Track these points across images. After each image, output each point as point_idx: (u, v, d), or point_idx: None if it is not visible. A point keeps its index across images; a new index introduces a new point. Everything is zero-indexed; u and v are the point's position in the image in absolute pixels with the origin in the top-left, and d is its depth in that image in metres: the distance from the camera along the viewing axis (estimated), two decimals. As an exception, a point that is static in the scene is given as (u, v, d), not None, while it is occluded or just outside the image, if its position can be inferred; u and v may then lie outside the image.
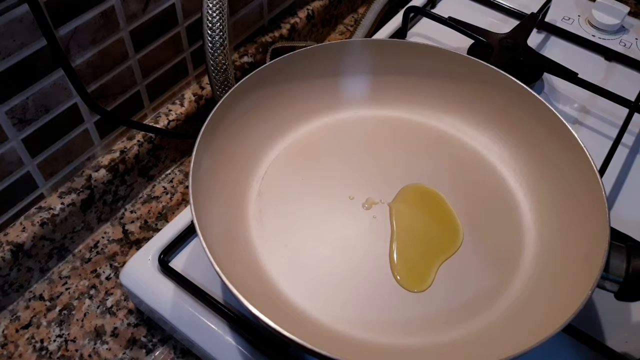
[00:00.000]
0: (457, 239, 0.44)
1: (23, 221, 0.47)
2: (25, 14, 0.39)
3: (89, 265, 0.51)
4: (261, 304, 0.34)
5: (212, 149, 0.44)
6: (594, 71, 0.62)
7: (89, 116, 0.49)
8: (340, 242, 0.44)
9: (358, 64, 0.51)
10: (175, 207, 0.56)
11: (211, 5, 0.50)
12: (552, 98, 0.59)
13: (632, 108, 0.55)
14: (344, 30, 0.75)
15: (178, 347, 0.46)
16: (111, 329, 0.47)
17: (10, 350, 0.46)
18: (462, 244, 0.44)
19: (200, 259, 0.46)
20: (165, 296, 0.44)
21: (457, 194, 0.47)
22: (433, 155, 0.50)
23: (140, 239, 0.53)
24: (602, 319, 0.43)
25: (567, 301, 0.36)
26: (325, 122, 0.52)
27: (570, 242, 0.41)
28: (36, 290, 0.49)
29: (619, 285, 0.37)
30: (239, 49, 0.62)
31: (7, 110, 0.42)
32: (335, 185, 0.48)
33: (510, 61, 0.58)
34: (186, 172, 0.58)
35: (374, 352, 0.39)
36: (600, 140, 0.56)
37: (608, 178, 0.52)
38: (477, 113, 0.51)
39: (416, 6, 0.64)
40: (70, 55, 0.44)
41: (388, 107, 0.53)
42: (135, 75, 0.51)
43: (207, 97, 0.58)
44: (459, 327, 0.40)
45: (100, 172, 0.51)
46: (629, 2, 0.74)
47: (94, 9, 0.44)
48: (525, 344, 0.33)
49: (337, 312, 0.41)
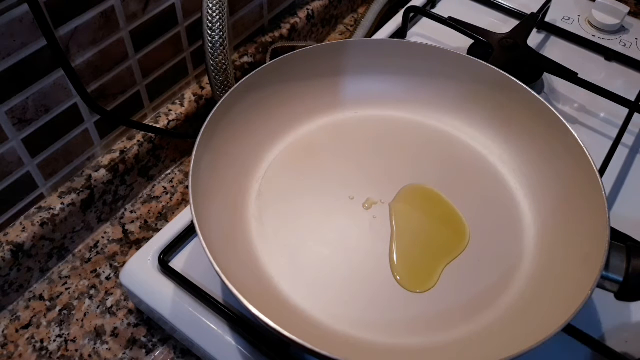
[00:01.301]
0: (464, 239, 0.44)
1: (23, 221, 0.47)
2: (25, 14, 0.39)
3: (89, 265, 0.51)
4: (261, 304, 0.34)
5: (212, 148, 0.44)
6: (594, 71, 0.62)
7: (89, 116, 0.49)
8: (341, 242, 0.44)
9: (358, 64, 0.51)
10: (175, 207, 0.56)
11: (211, 5, 0.50)
12: (552, 98, 0.59)
13: (632, 108, 0.55)
14: (344, 30, 0.75)
15: (178, 347, 0.46)
16: (111, 329, 0.47)
17: (10, 350, 0.46)
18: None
19: (200, 259, 0.46)
20: (165, 296, 0.44)
21: (456, 194, 0.47)
22: (433, 156, 0.50)
23: (140, 239, 0.53)
24: (602, 319, 0.43)
25: (567, 301, 0.36)
26: (325, 122, 0.52)
27: (570, 242, 0.41)
28: (36, 290, 0.49)
29: (619, 285, 0.37)
30: (239, 49, 0.62)
31: (7, 110, 0.42)
32: (336, 185, 0.48)
33: (510, 61, 0.57)
34: (186, 172, 0.58)
35: (374, 352, 0.39)
36: (600, 140, 0.56)
37: (608, 178, 0.52)
38: (477, 113, 0.51)
39: (416, 6, 0.64)
40: (70, 55, 0.44)
41: (388, 107, 0.53)
42: (135, 75, 0.51)
43: (207, 97, 0.58)
44: (459, 327, 0.40)
45: (100, 172, 0.51)
46: (629, 2, 0.74)
47: (94, 9, 0.44)
48: (525, 343, 0.33)
49: (337, 312, 0.40)
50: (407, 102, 0.53)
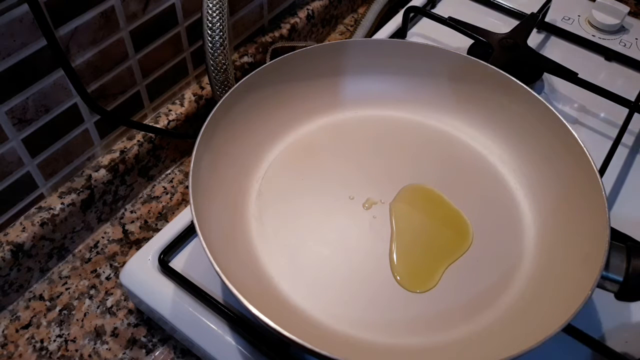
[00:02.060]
0: (467, 240, 0.44)
1: (23, 221, 0.47)
2: (25, 14, 0.39)
3: (89, 265, 0.51)
4: (261, 304, 0.34)
5: (212, 148, 0.44)
6: (594, 71, 0.62)
7: (89, 116, 0.49)
8: (341, 242, 0.44)
9: (358, 64, 0.51)
10: (175, 207, 0.56)
11: (211, 5, 0.50)
12: (552, 98, 0.59)
13: (632, 108, 0.55)
14: (344, 30, 0.75)
15: (178, 347, 0.46)
16: (111, 329, 0.47)
17: (10, 350, 0.46)
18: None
19: (200, 259, 0.46)
20: (165, 296, 0.44)
21: (457, 194, 0.47)
22: (433, 156, 0.50)
23: (140, 239, 0.53)
24: (602, 319, 0.43)
25: (567, 301, 0.36)
26: (325, 122, 0.52)
27: (570, 242, 0.41)
28: (36, 290, 0.49)
29: (619, 285, 0.37)
30: (239, 49, 0.62)
31: (7, 110, 0.42)
32: (336, 185, 0.48)
33: (510, 61, 0.57)
34: (186, 172, 0.58)
35: (374, 352, 0.39)
36: (600, 140, 0.56)
37: (608, 178, 0.52)
38: (477, 113, 0.51)
39: (416, 6, 0.64)
40: (70, 55, 0.44)
41: (388, 107, 0.53)
42: (135, 75, 0.51)
43: (207, 97, 0.58)
44: (459, 327, 0.40)
45: (100, 172, 0.51)
46: (629, 2, 0.74)
47: (94, 9, 0.44)
48: (525, 343, 0.33)
49: (337, 312, 0.40)
50: (407, 102, 0.53)
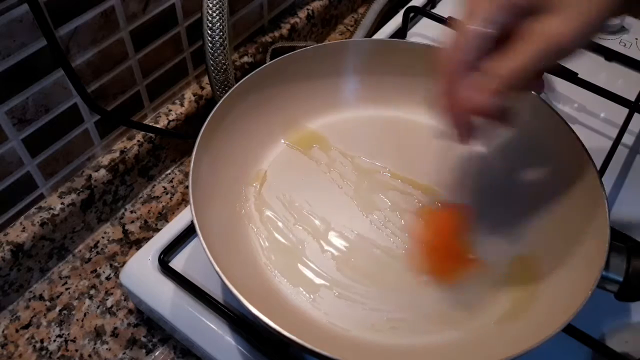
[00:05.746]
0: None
1: (23, 221, 0.47)
2: (25, 14, 0.39)
3: (89, 265, 0.51)
4: (261, 304, 0.34)
5: (212, 149, 0.44)
6: (594, 71, 0.62)
7: (89, 116, 0.49)
8: (341, 242, 0.44)
9: (358, 64, 0.51)
10: (175, 207, 0.56)
11: (211, 5, 0.50)
12: (552, 98, 0.59)
13: (632, 108, 0.55)
14: (344, 30, 0.75)
15: (178, 347, 0.46)
16: (111, 329, 0.47)
17: (10, 350, 0.46)
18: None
19: (200, 259, 0.45)
20: (165, 296, 0.43)
21: (457, 194, 0.47)
22: (433, 155, 0.50)
23: (140, 239, 0.53)
24: (602, 319, 0.43)
25: (567, 301, 0.36)
26: (326, 122, 0.52)
27: (570, 242, 0.41)
28: (36, 290, 0.49)
29: (619, 285, 0.37)
30: (239, 49, 0.62)
31: (7, 110, 0.42)
32: (336, 186, 0.48)
33: (510, 61, 0.57)
34: (186, 172, 0.58)
35: (374, 352, 0.39)
36: (600, 140, 0.56)
37: (608, 178, 0.52)
38: (477, 113, 0.51)
39: (416, 6, 0.64)
40: (70, 55, 0.44)
41: (388, 107, 0.53)
42: (135, 75, 0.51)
43: (207, 97, 0.58)
44: (459, 327, 0.40)
45: (100, 172, 0.51)
46: (629, 2, 0.74)
47: (94, 9, 0.44)
48: (525, 344, 0.33)
49: (338, 312, 0.40)
50: (407, 102, 0.52)
